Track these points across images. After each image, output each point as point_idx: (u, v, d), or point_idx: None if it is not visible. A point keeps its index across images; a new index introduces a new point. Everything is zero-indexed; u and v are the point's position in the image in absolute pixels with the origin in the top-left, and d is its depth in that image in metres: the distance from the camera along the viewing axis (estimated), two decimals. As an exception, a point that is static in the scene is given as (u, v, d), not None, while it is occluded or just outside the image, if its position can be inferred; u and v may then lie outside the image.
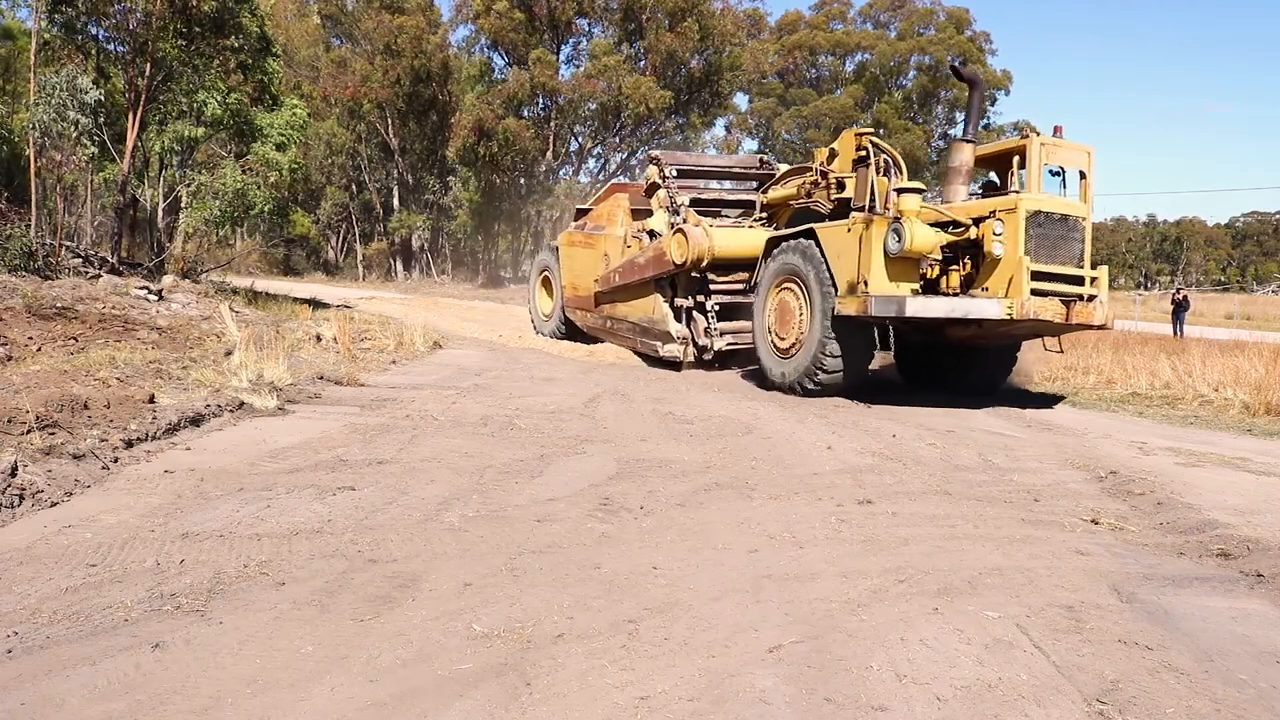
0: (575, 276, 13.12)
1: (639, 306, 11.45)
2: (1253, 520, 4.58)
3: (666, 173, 11.23)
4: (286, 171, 16.80)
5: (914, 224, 8.06)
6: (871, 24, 48.79)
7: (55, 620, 2.88)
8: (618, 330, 12.10)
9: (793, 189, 10.34)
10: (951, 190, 9.15)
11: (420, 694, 2.51)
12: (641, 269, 11.15)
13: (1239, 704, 2.62)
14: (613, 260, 11.93)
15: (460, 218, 40.29)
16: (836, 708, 2.51)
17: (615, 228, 12.08)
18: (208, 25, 15.43)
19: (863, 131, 9.39)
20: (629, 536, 4.02)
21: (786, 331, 9.15)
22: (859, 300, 8.17)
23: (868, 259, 8.24)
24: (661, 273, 10.83)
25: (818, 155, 9.91)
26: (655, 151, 11.97)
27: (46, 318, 9.63)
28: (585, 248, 12.85)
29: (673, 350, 10.74)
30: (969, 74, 9.14)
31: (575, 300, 13.21)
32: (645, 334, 11.31)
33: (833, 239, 8.74)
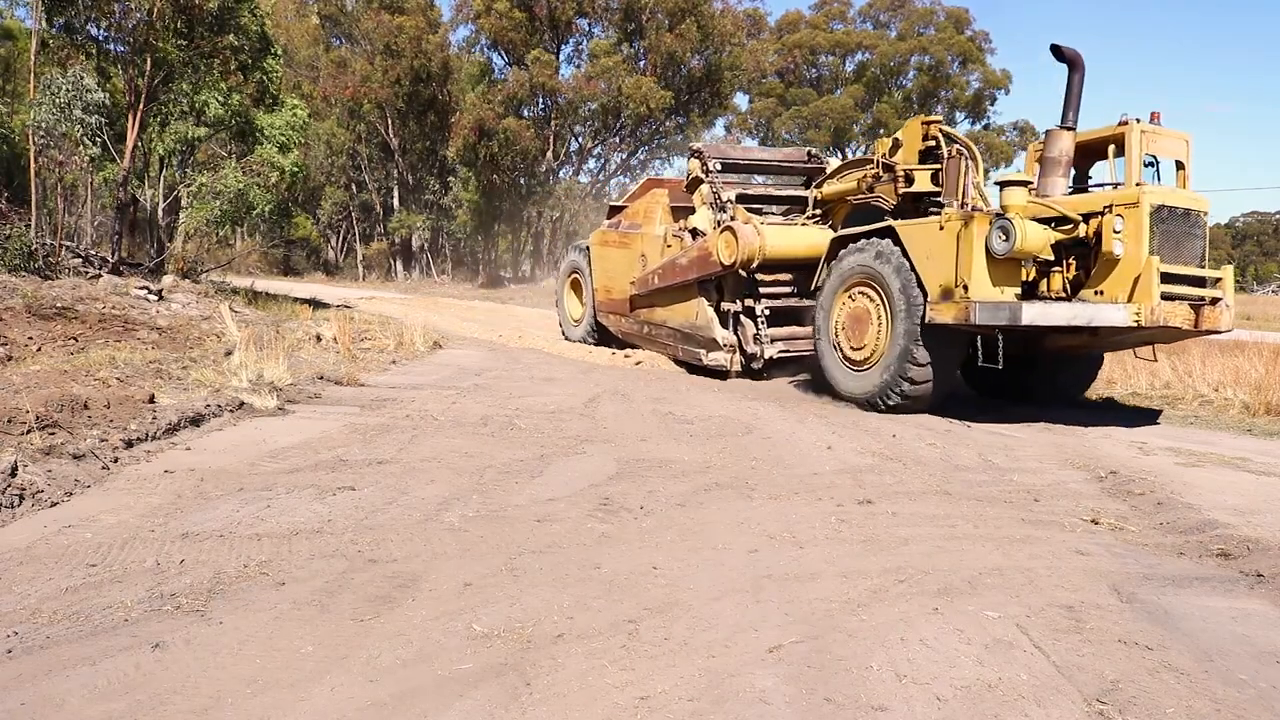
0: (608, 279, 12.35)
1: (680, 311, 10.68)
2: (1253, 520, 4.58)
3: (710, 166, 10.44)
4: (288, 173, 16.80)
5: (1024, 221, 7.26)
6: (871, 24, 48.77)
7: (55, 620, 2.88)
8: (656, 336, 11.34)
9: (851, 184, 9.54)
10: (1050, 183, 8.18)
11: (420, 694, 2.51)
12: (684, 270, 10.41)
13: (1239, 704, 2.62)
14: (650, 261, 11.19)
15: (460, 218, 40.29)
16: (836, 708, 2.51)
17: (653, 226, 11.35)
18: (208, 25, 15.43)
19: (931, 120, 8.74)
20: (629, 536, 4.02)
21: (860, 341, 8.31)
22: (958, 307, 7.35)
23: (967, 260, 7.38)
24: (706, 274, 10.07)
25: (878, 146, 9.22)
26: (697, 144, 11.08)
27: (46, 318, 9.63)
28: (620, 248, 12.06)
29: (718, 358, 9.98)
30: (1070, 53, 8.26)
31: (608, 304, 12.44)
32: (687, 341, 10.56)
33: (919, 238, 7.85)
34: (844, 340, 8.51)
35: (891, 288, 7.95)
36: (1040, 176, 8.30)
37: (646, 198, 11.96)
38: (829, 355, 8.73)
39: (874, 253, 8.20)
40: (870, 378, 8.17)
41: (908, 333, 7.74)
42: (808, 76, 48.53)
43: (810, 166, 11.19)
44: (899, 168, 8.77)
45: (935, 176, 8.56)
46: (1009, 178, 7.64)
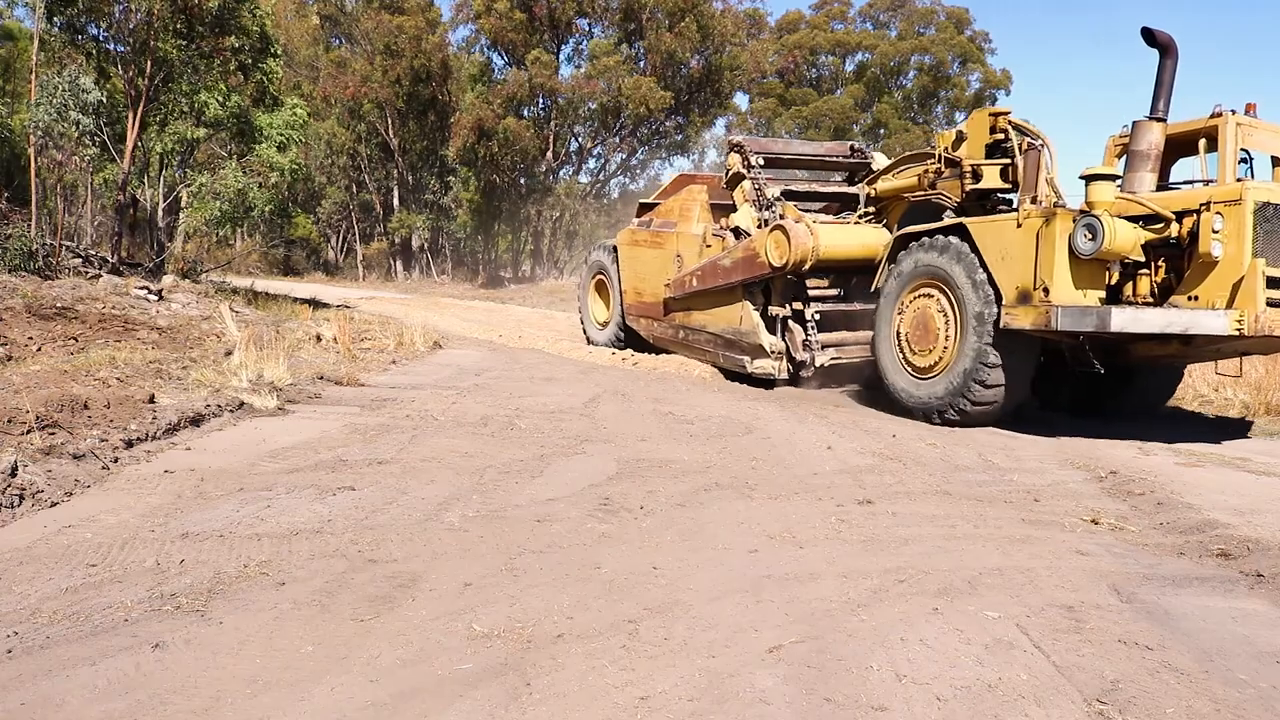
0: (639, 280, 11.69)
1: (722, 315, 10.03)
2: (1253, 520, 4.59)
3: (752, 161, 9.82)
4: (287, 172, 16.80)
5: (1112, 219, 6.69)
6: (871, 24, 48.76)
7: (55, 620, 2.88)
8: (693, 342, 10.69)
9: (910, 179, 8.92)
10: (1136, 179, 7.56)
11: (420, 694, 2.51)
12: (726, 272, 9.75)
13: (1239, 704, 2.62)
14: (687, 262, 10.57)
15: (460, 218, 40.29)
16: (836, 708, 2.51)
17: (690, 225, 10.71)
18: (208, 25, 15.43)
19: (999, 111, 8.22)
20: (629, 536, 4.02)
21: (925, 347, 7.75)
22: (1037, 312, 6.80)
23: (1048, 261, 6.83)
24: (752, 276, 9.42)
25: (940, 140, 8.65)
26: (737, 136, 10.49)
27: (46, 318, 9.63)
28: (652, 248, 11.39)
29: (765, 366, 9.37)
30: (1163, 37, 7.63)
31: (639, 307, 11.75)
32: (730, 347, 9.94)
33: (993, 236, 7.28)
34: (907, 346, 7.97)
35: (962, 290, 7.40)
36: (1125, 171, 7.70)
37: (682, 194, 11.26)
38: (890, 362, 8.14)
39: (943, 252, 7.64)
40: (935, 387, 7.61)
41: (979, 339, 7.22)
42: (808, 76, 48.52)
43: (854, 161, 10.67)
44: (965, 162, 8.18)
45: (1004, 172, 8.07)
46: (1096, 171, 7.00)
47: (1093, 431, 7.41)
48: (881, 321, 8.30)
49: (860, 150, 10.86)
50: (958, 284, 7.45)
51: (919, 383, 7.83)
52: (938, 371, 7.65)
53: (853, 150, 10.89)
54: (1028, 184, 7.49)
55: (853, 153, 10.83)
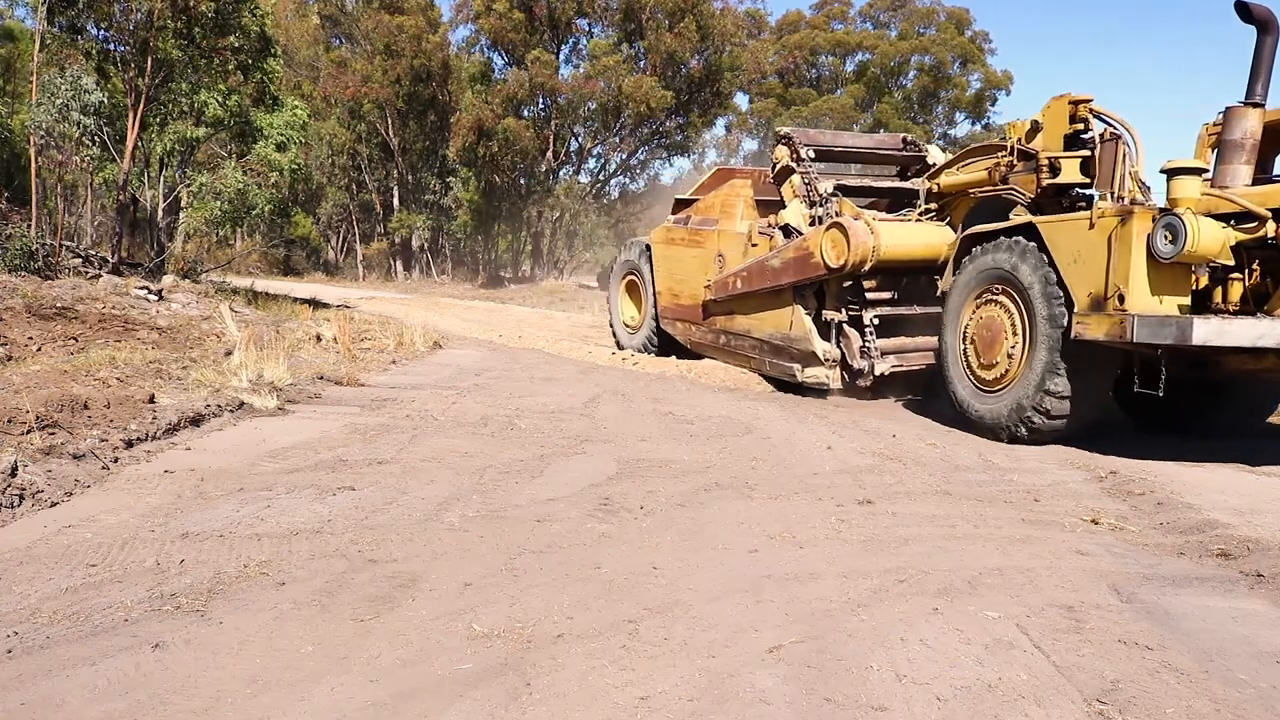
0: (675, 281, 10.98)
1: (769, 320, 9.36)
2: (1253, 520, 4.58)
3: (803, 154, 9.19)
4: (287, 172, 16.80)
5: (1196, 217, 6.02)
6: (871, 24, 48.77)
7: (55, 620, 2.88)
8: (736, 348, 10.01)
9: (977, 173, 8.20)
10: (1229, 172, 6.81)
11: (420, 694, 2.51)
12: (775, 274, 9.07)
13: (1239, 704, 2.62)
14: (730, 262, 9.89)
15: (460, 218, 40.30)
16: (836, 708, 2.51)
17: (733, 222, 10.04)
18: (208, 25, 15.44)
19: (1080, 99, 7.37)
20: (629, 536, 4.02)
21: (992, 357, 7.08)
22: (1110, 321, 6.16)
23: (1124, 265, 6.18)
24: (805, 278, 8.76)
25: (1013, 130, 7.93)
26: (786, 128, 9.76)
27: (46, 318, 9.63)
28: (690, 246, 10.70)
29: (817, 374, 8.69)
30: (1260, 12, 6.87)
31: (675, 310, 11.06)
32: (778, 354, 9.27)
33: (1065, 237, 6.62)
34: (973, 355, 7.32)
35: (1032, 296, 6.76)
36: (1216, 164, 6.97)
37: (725, 189, 10.51)
38: (955, 373, 7.49)
39: (1012, 254, 7.00)
40: (1001, 401, 6.95)
41: (1049, 349, 6.57)
42: (808, 76, 48.52)
43: (907, 155, 10.01)
44: (1043, 155, 7.47)
45: (1084, 165, 7.39)
46: (1179, 164, 6.33)
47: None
48: (946, 328, 7.63)
49: (914, 143, 10.22)
50: (1028, 289, 6.81)
51: (984, 396, 7.18)
52: (1005, 384, 6.97)
53: (906, 143, 10.24)
54: (1103, 178, 6.85)
55: (905, 146, 10.19)
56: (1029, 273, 6.82)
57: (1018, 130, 7.87)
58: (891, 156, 10.16)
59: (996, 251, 7.18)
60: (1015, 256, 6.95)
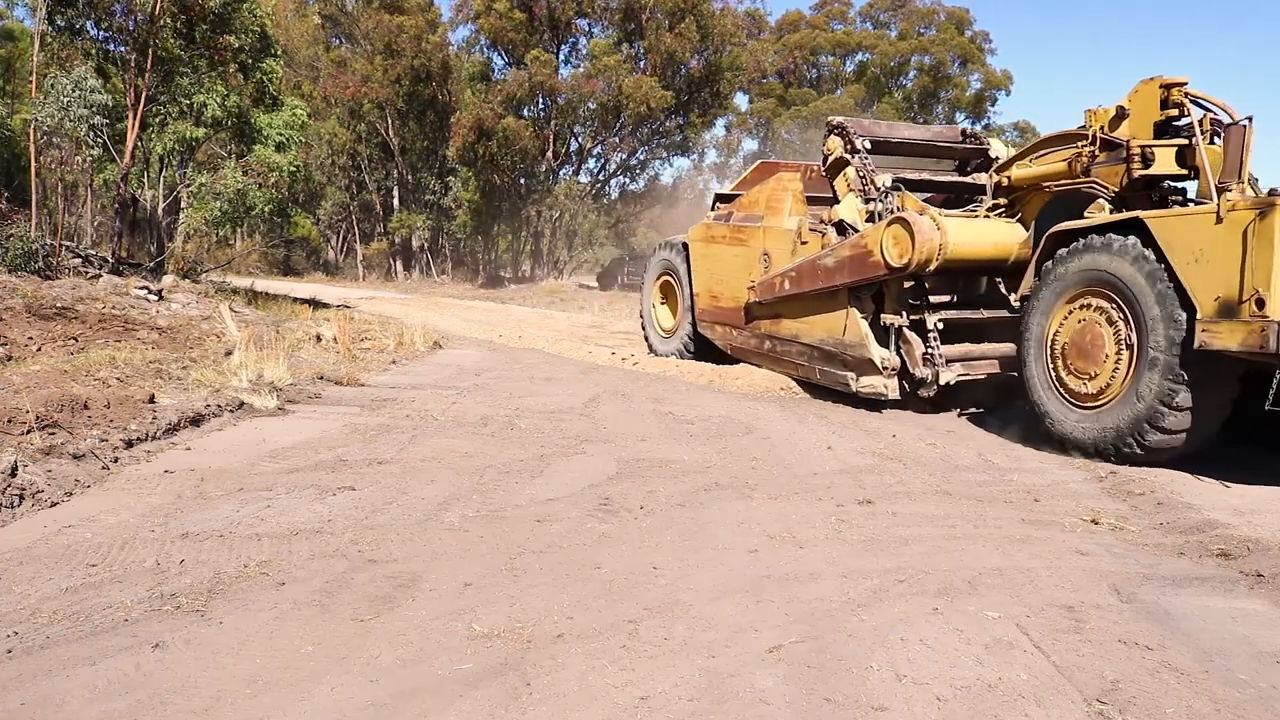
0: (715, 282, 10.31)
1: (821, 324, 8.64)
2: (1253, 520, 4.59)
3: (858, 145, 8.58)
4: (287, 172, 16.80)
5: None
6: (871, 24, 48.79)
7: (55, 620, 2.88)
8: (783, 354, 9.33)
9: (1054, 165, 7.52)
10: None
11: (420, 694, 2.52)
12: (829, 274, 8.37)
13: (1239, 704, 2.62)
14: (776, 261, 9.21)
15: (460, 218, 40.32)
16: (836, 708, 2.51)
17: (781, 218, 9.35)
18: (208, 25, 15.44)
19: (1173, 82, 6.79)
20: (629, 536, 4.02)
21: (1089, 369, 6.45)
22: (1248, 329, 5.47)
23: (1265, 265, 5.48)
24: (862, 279, 8.03)
25: (1095, 117, 7.24)
26: (838, 117, 9.16)
27: (46, 318, 9.63)
28: (732, 245, 10.01)
29: (874, 384, 7.99)
30: None
31: (714, 313, 10.39)
32: (829, 361, 8.56)
33: (1184, 234, 5.95)
34: (1063, 367, 6.68)
35: (1140, 301, 6.09)
36: None
37: (770, 183, 9.81)
38: (1042, 386, 6.81)
39: (1116, 253, 6.29)
40: (1101, 418, 6.30)
41: (1164, 362, 5.93)
42: (808, 76, 48.55)
43: (968, 147, 9.39)
44: (1134, 144, 6.82)
45: (1180, 155, 6.79)
46: None
47: None
48: (1029, 336, 6.96)
49: (974, 135, 9.61)
50: (1135, 293, 6.14)
51: (1080, 412, 6.51)
52: (1107, 399, 6.31)
53: (965, 135, 9.61)
54: (1230, 168, 6.11)
55: (965, 138, 9.56)
56: (1136, 275, 6.14)
57: (1099, 118, 7.20)
58: (952, 148, 9.50)
59: (1092, 251, 6.49)
60: (1118, 257, 6.26)
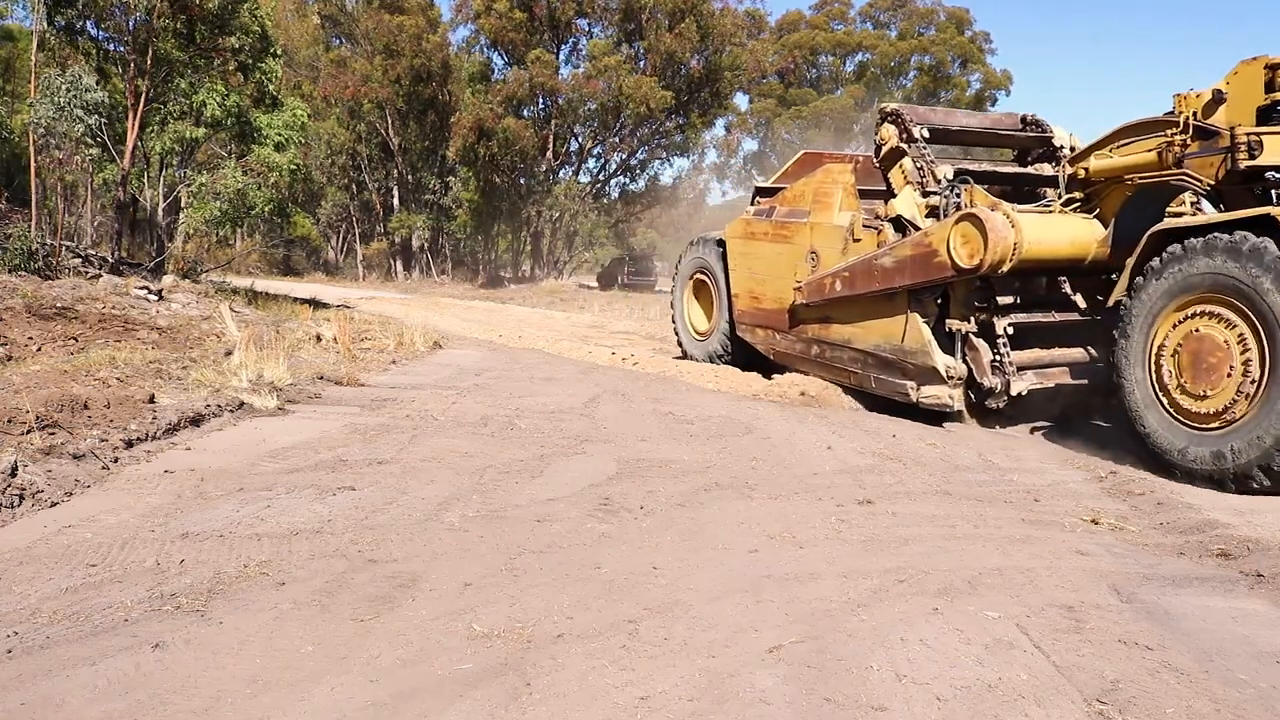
0: (756, 282, 9.70)
1: (877, 328, 8.02)
2: (1253, 520, 4.59)
3: (915, 134, 7.94)
4: (286, 172, 16.81)
5: None
6: (872, 24, 48.83)
7: (55, 620, 2.88)
8: (832, 360, 8.67)
9: (1141, 155, 6.83)
10: None
11: (420, 694, 2.52)
12: (887, 274, 7.74)
13: (1239, 704, 2.62)
14: (826, 260, 8.58)
15: (460, 218, 40.34)
16: (836, 708, 2.51)
17: (830, 213, 8.71)
18: (208, 25, 15.45)
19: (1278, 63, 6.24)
20: (629, 536, 4.02)
21: (1205, 386, 5.77)
22: None
23: None
24: (926, 280, 7.41)
25: (1185, 103, 6.63)
26: (893, 104, 8.48)
27: (46, 318, 9.63)
28: (775, 242, 9.36)
29: (938, 394, 7.34)
30: None
31: (755, 315, 9.78)
32: (886, 368, 7.93)
33: None
34: (1173, 382, 6.01)
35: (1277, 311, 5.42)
36: None
37: (819, 175, 9.13)
38: (1141, 402, 6.15)
39: (1243, 257, 5.56)
40: (1221, 442, 5.61)
41: None
42: (808, 76, 48.58)
43: (1029, 136, 8.74)
44: (1238, 131, 6.20)
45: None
46: None
47: None
48: (1128, 346, 6.31)
49: (1035, 123, 8.82)
50: (1269, 303, 5.42)
51: (1191, 433, 5.85)
52: (1228, 421, 5.62)
53: (1025, 123, 8.88)
54: None
55: (1025, 126, 8.86)
56: (1271, 281, 5.44)
57: (1192, 103, 6.59)
58: (1013, 137, 8.85)
59: (1212, 253, 5.79)
60: (1250, 261, 5.52)
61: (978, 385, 7.26)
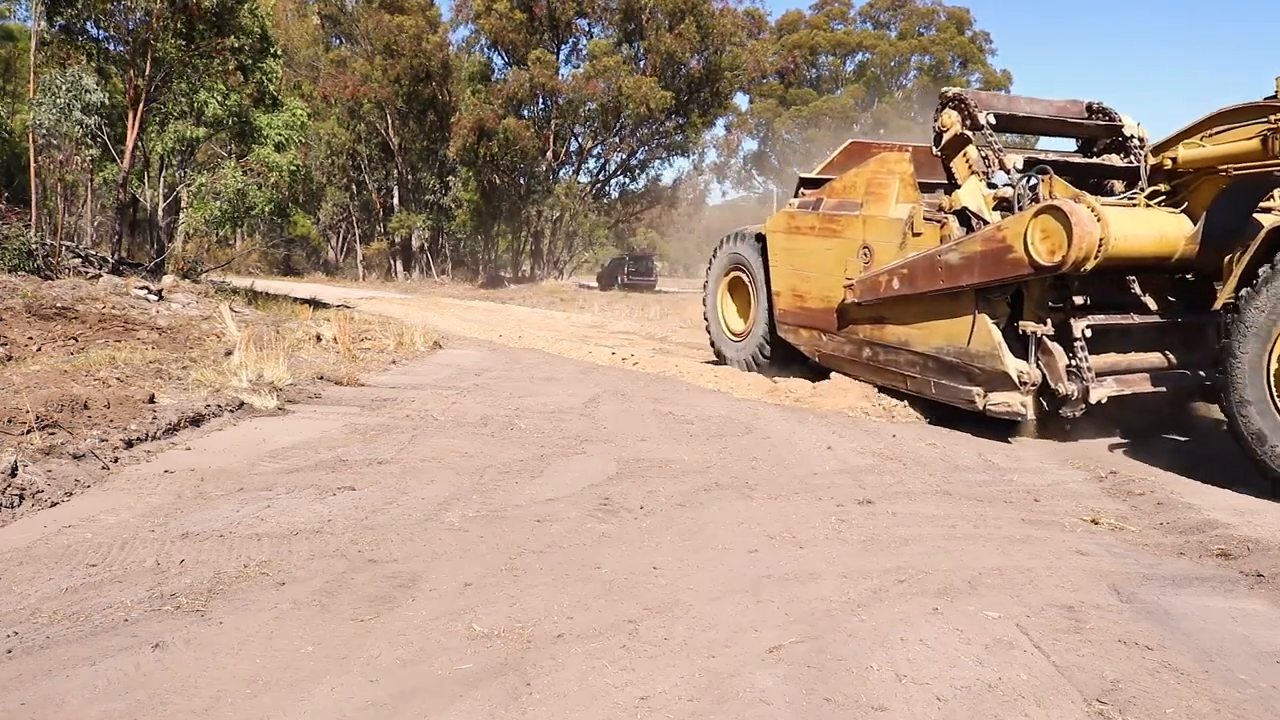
0: (800, 279, 9.11)
1: (939, 330, 7.45)
2: (1253, 520, 4.59)
3: (981, 120, 7.37)
4: (286, 172, 16.81)
5: None
6: (872, 24, 48.85)
7: (55, 620, 2.88)
8: (886, 364, 8.07)
9: (1243, 144, 6.19)
10: None
11: (420, 694, 2.52)
12: (953, 272, 7.15)
13: (1239, 704, 2.62)
14: (881, 256, 8.00)
15: (460, 218, 40.34)
16: (836, 708, 2.51)
17: (886, 205, 8.12)
18: (208, 25, 15.45)
19: None
20: (629, 536, 4.02)
21: None
22: None
23: None
24: (999, 279, 6.85)
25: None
26: (955, 89, 7.88)
27: (46, 318, 9.63)
28: (823, 236, 8.77)
29: (1008, 401, 6.79)
30: None
31: (799, 314, 9.19)
32: (948, 373, 7.34)
33: None
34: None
35: None
36: None
37: (872, 165, 8.52)
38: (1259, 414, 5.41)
39: None
40: None
41: None
42: (808, 76, 48.59)
43: (1096, 125, 8.14)
44: None
45: None
46: None
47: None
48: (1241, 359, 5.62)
49: (1103, 110, 8.21)
50: None
51: None
52: None
53: (1091, 110, 8.25)
54: None
55: (1091, 114, 8.23)
56: None
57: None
58: (1080, 126, 8.24)
59: None
60: None
61: (1051, 392, 6.74)
